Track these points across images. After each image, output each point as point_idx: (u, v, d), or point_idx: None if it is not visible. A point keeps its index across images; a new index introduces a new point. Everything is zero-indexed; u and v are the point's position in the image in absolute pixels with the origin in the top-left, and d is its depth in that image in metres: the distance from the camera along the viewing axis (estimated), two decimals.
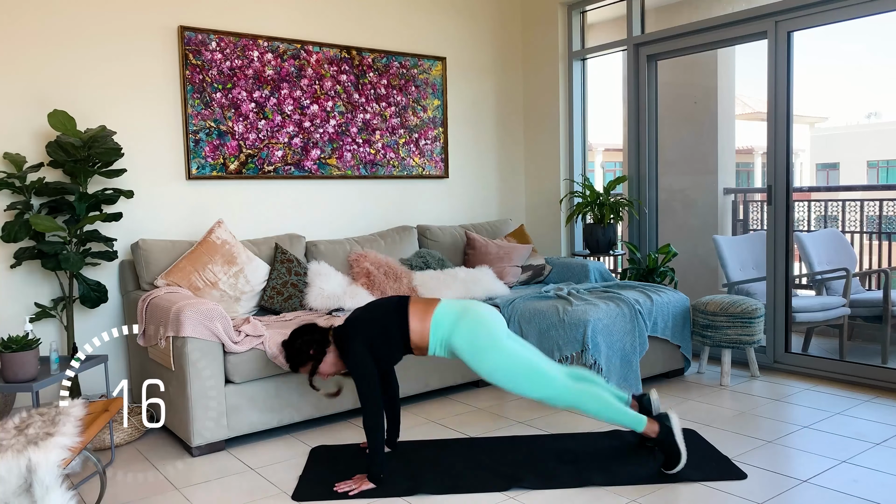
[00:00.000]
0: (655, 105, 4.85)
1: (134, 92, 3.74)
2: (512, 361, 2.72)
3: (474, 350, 2.73)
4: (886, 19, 3.74)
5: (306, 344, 2.82)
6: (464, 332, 2.73)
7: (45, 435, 2.01)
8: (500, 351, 2.72)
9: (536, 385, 2.72)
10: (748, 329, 3.92)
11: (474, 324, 2.75)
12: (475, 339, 2.73)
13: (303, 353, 2.82)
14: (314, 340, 2.83)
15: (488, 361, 2.72)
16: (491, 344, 2.73)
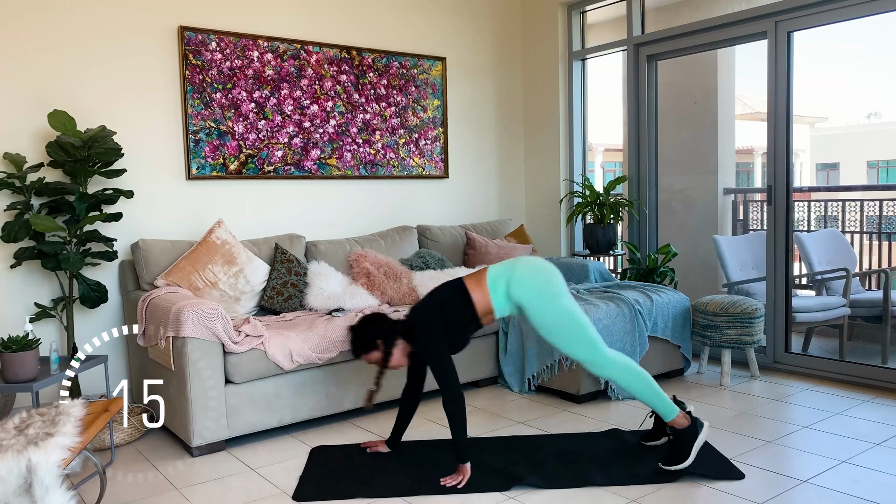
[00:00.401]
0: (655, 105, 4.85)
1: (134, 92, 3.74)
2: (570, 315, 2.75)
3: (538, 296, 2.75)
4: (886, 19, 3.74)
5: (376, 333, 2.85)
6: (522, 278, 2.77)
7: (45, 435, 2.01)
8: (563, 301, 2.76)
9: (587, 345, 2.76)
10: (748, 329, 3.92)
11: (531, 270, 2.80)
12: (535, 283, 2.77)
13: (372, 342, 2.85)
14: (384, 331, 2.86)
15: (549, 306, 2.74)
16: (554, 291, 2.76)
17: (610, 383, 2.83)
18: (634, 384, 2.78)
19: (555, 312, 2.75)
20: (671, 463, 2.72)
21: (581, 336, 2.76)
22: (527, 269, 2.80)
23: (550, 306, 2.75)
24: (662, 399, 2.79)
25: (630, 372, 2.79)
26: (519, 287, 2.77)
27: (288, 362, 3.22)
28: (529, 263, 2.84)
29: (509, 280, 2.79)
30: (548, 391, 3.87)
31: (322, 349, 3.32)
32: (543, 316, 2.76)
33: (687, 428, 2.75)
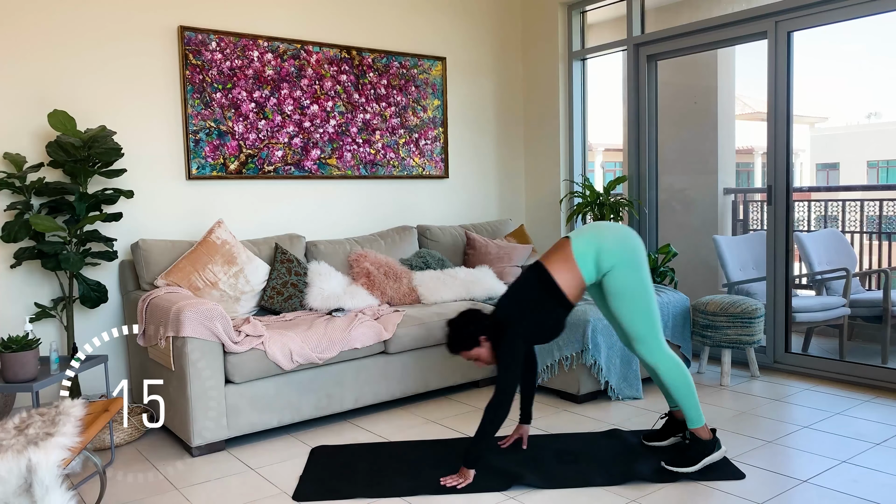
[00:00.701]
0: (655, 105, 4.85)
1: (134, 92, 3.74)
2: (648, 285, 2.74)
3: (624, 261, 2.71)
4: (886, 19, 3.74)
5: (478, 331, 2.80)
6: (613, 244, 2.72)
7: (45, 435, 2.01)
8: (643, 268, 2.74)
9: (649, 322, 2.73)
10: (748, 329, 3.92)
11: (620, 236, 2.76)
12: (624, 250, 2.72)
13: (472, 339, 2.80)
14: (486, 329, 2.80)
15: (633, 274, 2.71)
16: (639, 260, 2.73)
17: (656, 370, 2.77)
18: (677, 378, 2.76)
19: (635, 281, 2.71)
20: (677, 464, 2.72)
21: (648, 311, 2.73)
22: (617, 236, 2.76)
23: (633, 274, 2.71)
24: (696, 404, 2.77)
25: (676, 365, 2.76)
26: (609, 254, 2.70)
27: (288, 362, 3.22)
28: (618, 230, 2.79)
29: (599, 248, 2.72)
30: (548, 391, 3.86)
31: (322, 349, 3.32)
32: (624, 282, 2.71)
33: (706, 441, 2.75)
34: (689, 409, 2.77)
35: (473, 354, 2.83)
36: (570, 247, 2.76)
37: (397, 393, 3.65)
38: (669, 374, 2.76)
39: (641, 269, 2.73)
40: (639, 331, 2.74)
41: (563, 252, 2.78)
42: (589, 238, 2.77)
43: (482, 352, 2.81)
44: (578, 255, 2.74)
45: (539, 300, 2.76)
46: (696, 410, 2.77)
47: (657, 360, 2.76)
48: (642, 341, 2.75)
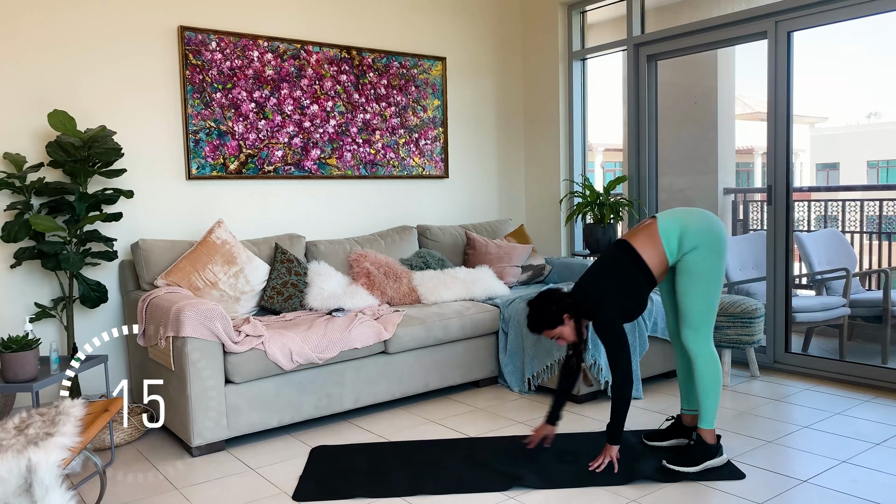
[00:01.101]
0: (655, 105, 4.85)
1: (134, 92, 3.74)
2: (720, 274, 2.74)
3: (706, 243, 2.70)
4: (886, 19, 3.74)
5: (562, 310, 2.79)
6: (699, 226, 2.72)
7: (45, 435, 2.01)
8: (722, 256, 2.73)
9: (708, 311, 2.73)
10: (748, 329, 3.92)
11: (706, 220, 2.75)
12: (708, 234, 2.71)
13: (557, 317, 2.79)
14: (568, 307, 2.80)
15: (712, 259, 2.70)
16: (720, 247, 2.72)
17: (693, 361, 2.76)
18: (710, 375, 2.75)
19: (711, 266, 2.71)
20: (679, 463, 2.72)
21: (711, 300, 2.72)
22: (703, 218, 2.75)
23: (712, 259, 2.71)
24: (716, 407, 2.78)
25: (714, 363, 2.76)
26: (694, 235, 2.70)
27: (288, 362, 3.22)
28: (705, 215, 2.78)
29: (685, 227, 2.72)
30: (548, 391, 3.86)
31: (322, 349, 3.32)
32: (701, 264, 2.70)
33: (711, 445, 2.76)
34: (708, 409, 2.77)
35: (556, 333, 2.82)
36: (656, 224, 2.78)
37: (397, 393, 3.65)
38: (705, 368, 2.76)
39: (720, 258, 2.73)
40: (695, 316, 2.74)
41: (649, 229, 2.78)
42: (676, 217, 2.78)
43: (565, 330, 2.81)
44: (664, 232, 2.74)
45: (627, 277, 2.76)
46: (713, 413, 2.77)
47: (700, 350, 2.76)
48: (694, 328, 2.75)
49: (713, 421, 2.77)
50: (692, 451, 2.76)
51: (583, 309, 2.80)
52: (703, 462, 2.73)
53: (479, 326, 3.91)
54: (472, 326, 3.88)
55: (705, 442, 2.76)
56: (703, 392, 2.77)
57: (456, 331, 3.81)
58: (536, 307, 2.84)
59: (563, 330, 2.81)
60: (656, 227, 2.77)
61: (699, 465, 2.72)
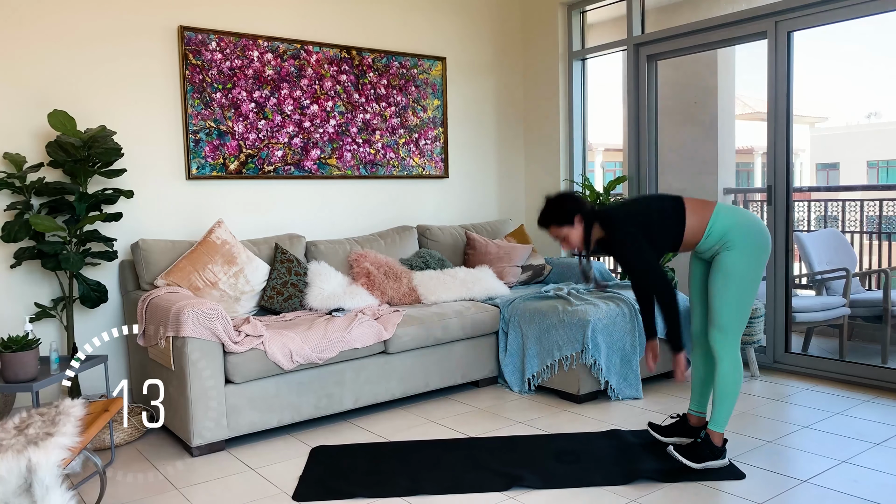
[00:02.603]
0: (655, 105, 4.85)
1: (134, 92, 3.74)
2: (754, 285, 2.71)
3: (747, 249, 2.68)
4: (886, 19, 3.74)
5: (577, 210, 2.77)
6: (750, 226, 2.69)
7: (45, 435, 2.01)
8: (759, 270, 2.71)
9: (738, 314, 2.70)
10: (748, 329, 3.92)
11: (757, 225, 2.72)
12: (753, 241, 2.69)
13: (569, 215, 2.77)
14: (585, 210, 2.78)
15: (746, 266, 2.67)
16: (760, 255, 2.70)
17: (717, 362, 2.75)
18: (731, 380, 2.74)
19: (748, 268, 2.68)
20: (683, 454, 2.73)
21: (742, 303, 2.70)
22: (754, 223, 2.73)
23: (750, 261, 2.68)
24: (730, 411, 2.77)
25: (737, 368, 2.74)
26: (740, 232, 2.68)
27: (288, 362, 3.22)
28: (759, 222, 2.76)
29: (736, 222, 2.69)
30: (548, 391, 3.87)
31: (322, 349, 3.32)
32: (738, 264, 2.67)
33: (717, 447, 2.76)
34: (722, 412, 2.76)
35: (563, 232, 2.80)
36: (715, 206, 2.76)
37: (397, 393, 3.65)
38: (729, 372, 2.74)
39: (759, 264, 2.71)
40: (725, 318, 2.72)
41: (707, 203, 2.77)
42: (733, 210, 2.76)
43: (573, 232, 2.79)
44: (717, 215, 2.72)
45: (659, 219, 2.73)
46: (726, 417, 2.77)
47: (725, 353, 2.74)
48: (722, 330, 2.73)
49: (723, 424, 2.76)
50: (699, 448, 2.76)
51: (600, 217, 2.76)
52: (706, 461, 2.72)
53: (479, 326, 3.91)
54: (472, 326, 3.88)
55: (712, 443, 2.76)
56: (721, 395, 2.76)
57: (456, 331, 3.81)
58: (553, 200, 2.82)
59: (570, 231, 2.78)
60: (714, 206, 2.75)
61: (702, 463, 2.71)
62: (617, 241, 2.74)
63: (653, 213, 2.76)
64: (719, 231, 2.71)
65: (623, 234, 2.72)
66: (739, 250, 2.69)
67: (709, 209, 2.75)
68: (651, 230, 2.74)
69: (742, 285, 2.69)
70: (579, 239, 2.81)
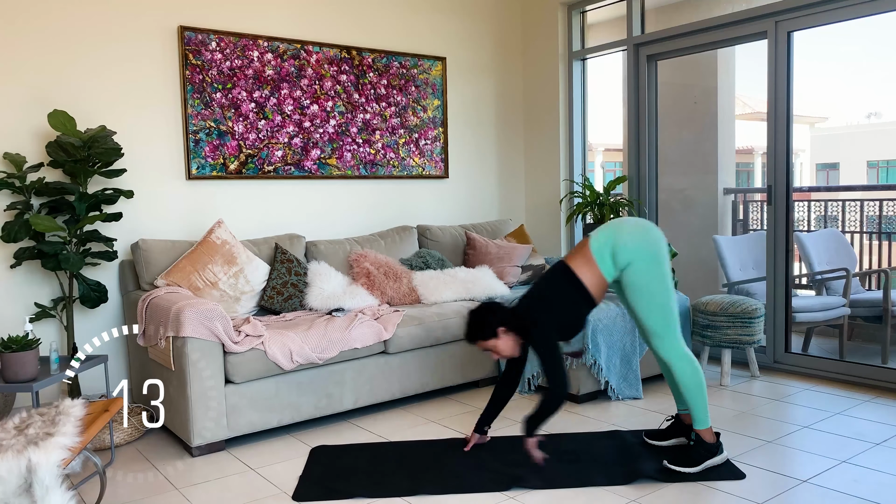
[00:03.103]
0: (655, 105, 4.85)
1: (134, 92, 3.74)
2: (666, 279, 2.72)
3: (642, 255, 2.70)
4: (886, 19, 3.74)
5: (498, 322, 2.83)
6: (628, 240, 2.73)
7: (45, 435, 2.01)
8: (663, 263, 2.73)
9: (666, 317, 2.72)
10: (748, 329, 3.92)
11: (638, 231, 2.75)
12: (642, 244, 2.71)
13: (491, 329, 2.82)
14: (506, 321, 2.83)
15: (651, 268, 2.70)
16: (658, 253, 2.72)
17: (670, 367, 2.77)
18: (689, 377, 2.75)
19: (651, 276, 2.70)
20: (679, 464, 2.72)
21: (664, 306, 2.71)
22: (633, 231, 2.75)
23: (650, 269, 2.70)
24: (705, 405, 2.77)
25: (690, 363, 2.76)
26: (625, 250, 2.71)
27: (288, 362, 3.22)
28: (635, 225, 2.79)
29: (615, 245, 2.73)
30: None
31: (322, 349, 3.32)
32: (641, 276, 2.70)
33: (710, 444, 2.76)
34: (698, 409, 2.77)
35: (490, 345, 2.85)
36: (588, 245, 2.79)
37: (397, 393, 3.65)
38: (683, 372, 2.76)
39: (659, 265, 2.73)
40: (655, 326, 2.75)
41: (583, 250, 2.81)
42: (606, 235, 2.79)
43: (499, 343, 2.84)
44: (596, 252, 2.76)
45: (564, 296, 2.79)
46: (704, 412, 2.77)
47: (671, 354, 2.76)
48: (658, 336, 2.76)
49: (706, 420, 2.77)
50: (692, 451, 2.76)
51: (520, 324, 2.82)
52: (704, 461, 2.72)
53: None
54: None
55: (705, 441, 2.76)
56: (687, 394, 2.77)
57: (456, 331, 3.80)
58: (474, 317, 2.88)
59: (496, 343, 2.85)
60: (589, 247, 2.79)
61: (700, 465, 2.71)
62: (536, 343, 2.78)
63: (555, 300, 2.80)
64: (610, 263, 2.75)
65: (540, 336, 2.77)
66: (635, 264, 2.72)
67: (589, 256, 2.77)
68: (565, 315, 2.80)
69: (652, 292, 2.72)
70: (508, 348, 2.87)
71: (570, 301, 2.79)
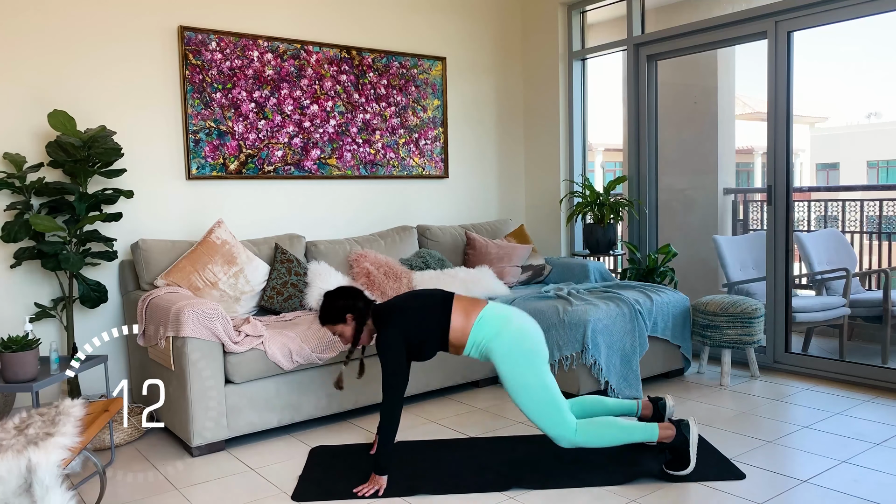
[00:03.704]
0: (655, 105, 4.85)
1: (134, 92, 3.74)
2: (541, 387, 2.67)
3: (511, 361, 2.67)
4: (886, 19, 3.74)
5: (348, 308, 2.80)
6: (506, 340, 2.69)
7: (45, 435, 2.01)
8: (536, 373, 2.67)
9: (552, 421, 2.67)
10: (748, 329, 3.92)
11: (519, 334, 2.70)
12: (515, 351, 2.68)
13: (341, 314, 2.80)
14: (356, 308, 2.81)
15: (520, 377, 2.66)
16: (529, 361, 2.68)
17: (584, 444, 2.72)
18: (605, 436, 2.70)
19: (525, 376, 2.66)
20: (673, 468, 2.71)
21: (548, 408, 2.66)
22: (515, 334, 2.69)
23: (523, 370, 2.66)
24: (637, 430, 2.72)
25: (593, 429, 2.70)
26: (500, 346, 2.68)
27: (288, 362, 3.22)
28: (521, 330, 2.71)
29: (496, 335, 2.69)
30: None
31: (322, 349, 3.32)
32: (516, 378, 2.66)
33: (676, 437, 2.72)
34: (637, 438, 2.72)
35: (338, 330, 2.84)
36: (481, 307, 2.76)
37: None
38: (594, 440, 2.70)
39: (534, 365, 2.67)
40: (548, 431, 2.69)
41: (474, 306, 2.77)
42: (500, 316, 2.73)
43: (346, 329, 2.83)
44: (483, 318, 2.72)
45: (427, 321, 2.74)
46: (640, 433, 2.72)
47: (574, 443, 2.69)
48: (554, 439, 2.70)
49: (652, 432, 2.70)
50: (675, 453, 2.72)
51: (373, 318, 2.80)
52: (688, 454, 2.68)
53: None
54: None
55: (671, 443, 2.72)
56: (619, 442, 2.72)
57: None
58: (327, 299, 2.86)
59: (343, 329, 2.83)
60: (482, 309, 2.75)
61: (690, 460, 2.68)
62: (379, 344, 2.72)
63: (417, 319, 2.74)
64: (481, 340, 2.71)
65: (384, 339, 2.70)
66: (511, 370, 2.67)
67: (474, 314, 2.73)
68: (416, 336, 2.73)
69: (527, 391, 2.66)
70: (351, 336, 2.84)
71: (428, 329, 2.74)
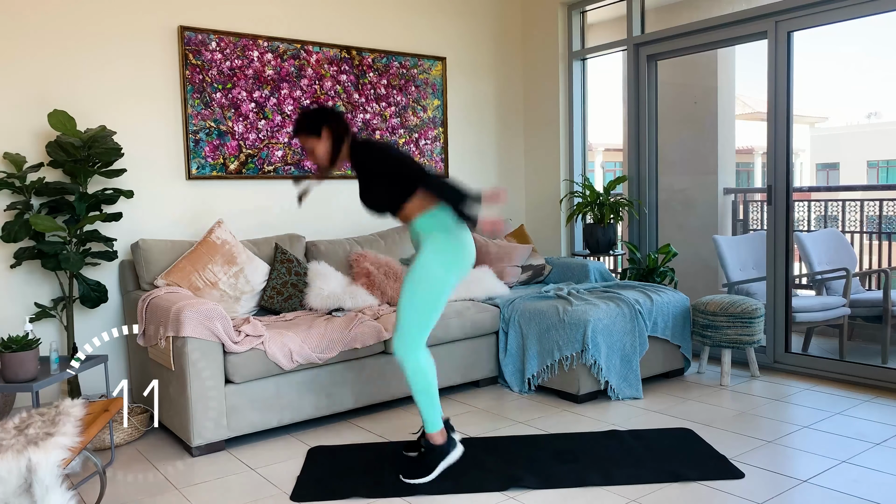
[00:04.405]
0: (655, 105, 4.85)
1: (134, 92, 3.74)
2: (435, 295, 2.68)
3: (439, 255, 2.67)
4: (886, 19, 3.74)
5: (326, 120, 2.73)
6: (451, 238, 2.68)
7: (45, 435, 2.01)
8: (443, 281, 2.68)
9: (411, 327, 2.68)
10: (748, 329, 3.92)
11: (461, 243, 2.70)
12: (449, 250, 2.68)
13: (316, 125, 2.72)
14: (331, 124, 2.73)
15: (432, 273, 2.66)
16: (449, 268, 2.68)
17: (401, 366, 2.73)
18: (416, 382, 2.70)
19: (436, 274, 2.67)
20: (413, 476, 2.69)
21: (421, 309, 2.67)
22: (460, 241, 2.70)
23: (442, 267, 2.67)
24: (433, 410, 2.72)
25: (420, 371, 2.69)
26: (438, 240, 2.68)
27: (288, 362, 3.22)
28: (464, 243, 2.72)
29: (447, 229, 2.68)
30: (548, 391, 3.87)
31: (322, 349, 3.32)
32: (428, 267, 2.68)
33: (440, 446, 2.72)
34: (425, 413, 2.72)
35: (310, 143, 2.75)
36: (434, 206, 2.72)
37: (397, 393, 3.65)
38: (412, 375, 2.70)
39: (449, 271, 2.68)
40: (402, 318, 2.69)
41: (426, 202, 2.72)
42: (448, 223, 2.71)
43: (319, 146, 2.74)
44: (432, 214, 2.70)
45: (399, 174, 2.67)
46: (431, 415, 2.72)
47: (400, 354, 2.70)
48: (398, 330, 2.70)
49: (436, 423, 2.73)
50: (426, 458, 2.72)
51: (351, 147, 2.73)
52: (436, 465, 2.69)
53: (479, 326, 3.91)
54: (472, 326, 3.88)
55: (434, 446, 2.72)
56: (415, 397, 2.73)
57: (456, 331, 3.81)
58: (305, 110, 2.81)
59: (317, 143, 2.74)
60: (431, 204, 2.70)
61: (434, 471, 2.69)
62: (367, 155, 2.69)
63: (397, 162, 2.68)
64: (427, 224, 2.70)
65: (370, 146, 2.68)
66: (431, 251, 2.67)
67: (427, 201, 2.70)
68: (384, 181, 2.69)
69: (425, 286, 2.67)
70: (325, 153, 2.75)
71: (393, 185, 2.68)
